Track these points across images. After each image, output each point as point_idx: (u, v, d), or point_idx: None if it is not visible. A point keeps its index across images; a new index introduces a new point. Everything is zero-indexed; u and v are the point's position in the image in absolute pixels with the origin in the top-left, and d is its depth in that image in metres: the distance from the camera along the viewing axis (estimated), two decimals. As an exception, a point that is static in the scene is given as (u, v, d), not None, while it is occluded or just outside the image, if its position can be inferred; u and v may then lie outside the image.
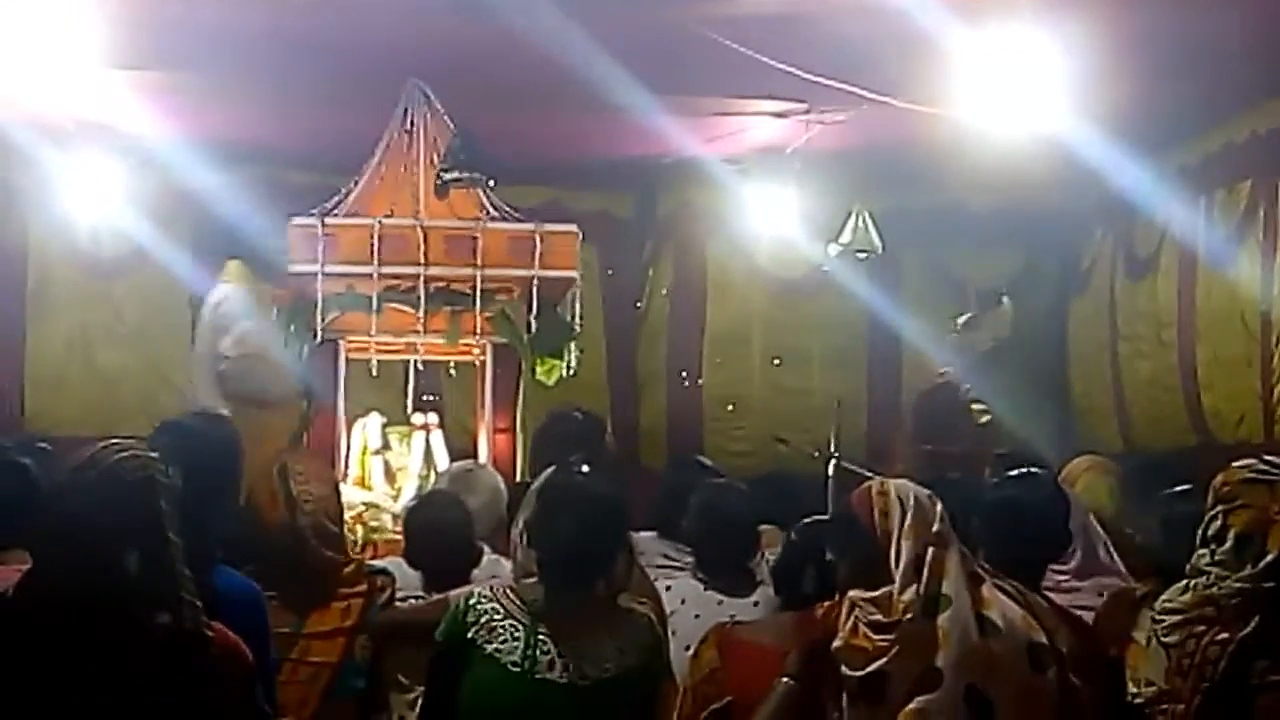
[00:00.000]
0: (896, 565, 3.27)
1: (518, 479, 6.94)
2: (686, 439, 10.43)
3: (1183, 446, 9.19)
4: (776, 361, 10.83)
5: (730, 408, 10.85)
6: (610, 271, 10.54)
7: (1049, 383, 10.99)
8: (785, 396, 10.79)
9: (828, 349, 10.96)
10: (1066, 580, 4.64)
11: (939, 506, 3.36)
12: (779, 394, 10.84)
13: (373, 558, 5.73)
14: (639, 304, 10.85)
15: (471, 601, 3.73)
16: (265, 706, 3.20)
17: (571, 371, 7.56)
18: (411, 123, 7.53)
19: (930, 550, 3.29)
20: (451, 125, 7.40)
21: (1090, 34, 6.60)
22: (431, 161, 7.44)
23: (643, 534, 5.24)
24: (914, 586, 3.23)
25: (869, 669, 3.21)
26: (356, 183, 7.46)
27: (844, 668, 3.24)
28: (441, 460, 7.62)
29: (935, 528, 3.32)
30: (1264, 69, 7.68)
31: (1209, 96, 8.20)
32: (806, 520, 4.54)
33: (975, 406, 9.64)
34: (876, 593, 3.27)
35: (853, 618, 3.28)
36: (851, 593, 3.32)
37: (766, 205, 9.42)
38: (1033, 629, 3.30)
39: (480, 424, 7.71)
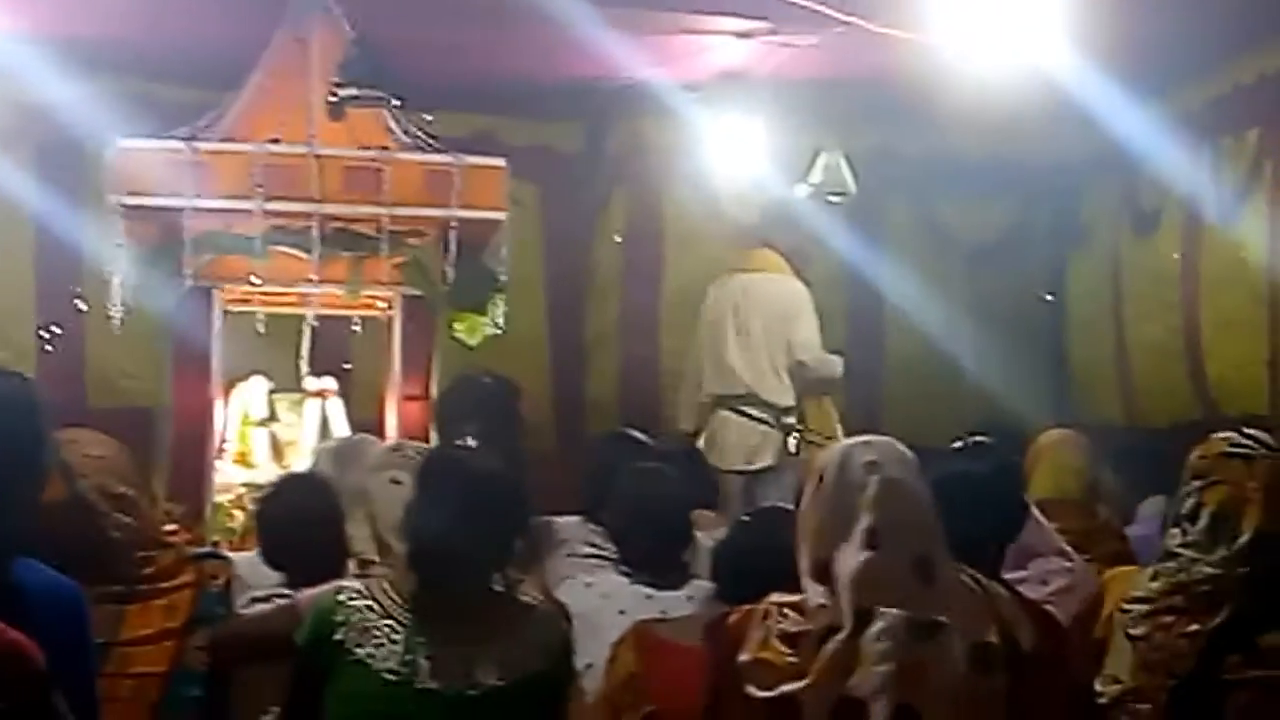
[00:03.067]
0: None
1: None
2: (641, 409, 9.64)
3: (1188, 420, 8.80)
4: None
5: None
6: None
7: (1045, 347, 10.60)
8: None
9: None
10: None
11: (875, 478, 3.04)
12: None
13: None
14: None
15: (341, 599, 3.42)
16: None
17: (499, 329, 6.93)
18: (305, 30, 6.81)
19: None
20: (350, 33, 6.71)
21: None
22: (328, 77, 6.71)
23: (567, 519, 5.04)
24: (823, 588, 2.99)
25: (776, 692, 2.96)
26: (236, 99, 6.75)
27: (750, 688, 3.00)
28: (340, 432, 7.05)
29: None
30: (1273, 3, 7.48)
31: (1215, 33, 7.93)
32: (768, 505, 4.43)
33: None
34: (798, 596, 3.04)
35: (765, 626, 3.03)
36: (773, 595, 3.08)
37: (731, 139, 8.90)
38: (982, 628, 3.07)
39: (388, 389, 6.99)
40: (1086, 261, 10.41)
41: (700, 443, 7.88)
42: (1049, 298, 9.79)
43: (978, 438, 4.23)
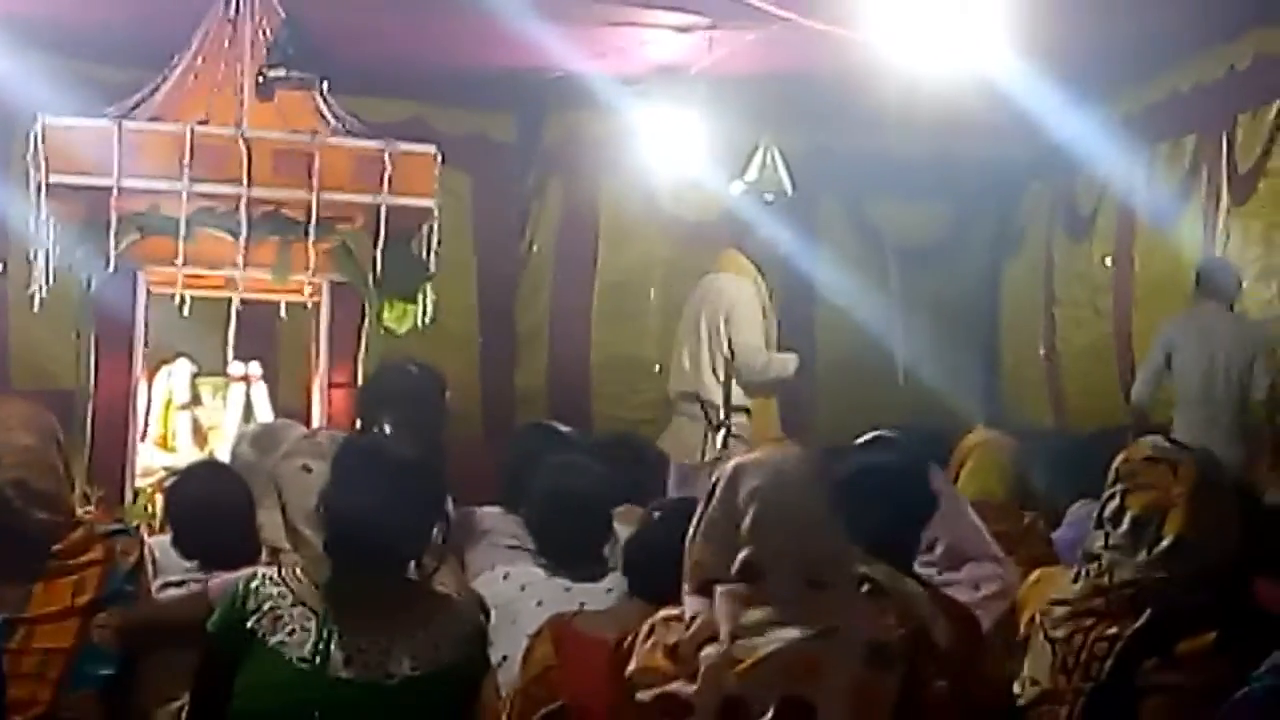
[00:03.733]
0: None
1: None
2: (571, 403, 9.66)
3: (1116, 425, 8.56)
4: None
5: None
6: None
7: (978, 349, 10.63)
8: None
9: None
10: (936, 572, 4.44)
11: (754, 508, 2.96)
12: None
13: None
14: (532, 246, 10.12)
15: (254, 585, 3.34)
16: None
17: (427, 318, 6.81)
18: (236, 10, 6.66)
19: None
20: (281, 13, 6.59)
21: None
22: (259, 60, 6.59)
23: (488, 509, 4.99)
24: (704, 600, 2.95)
25: (658, 691, 2.95)
26: (165, 79, 6.60)
27: (639, 694, 2.98)
28: (264, 418, 6.85)
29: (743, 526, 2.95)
30: (1211, 11, 7.55)
31: (1155, 40, 8.01)
32: (681, 497, 4.28)
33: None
34: (676, 611, 3.01)
35: (651, 640, 3.03)
36: (662, 612, 3.07)
37: (668, 134, 8.94)
38: (881, 628, 3.04)
39: (314, 376, 6.88)
40: (1020, 263, 10.41)
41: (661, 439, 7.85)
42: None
43: (883, 432, 4.22)
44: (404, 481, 3.37)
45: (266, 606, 3.30)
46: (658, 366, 9.24)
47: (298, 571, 3.39)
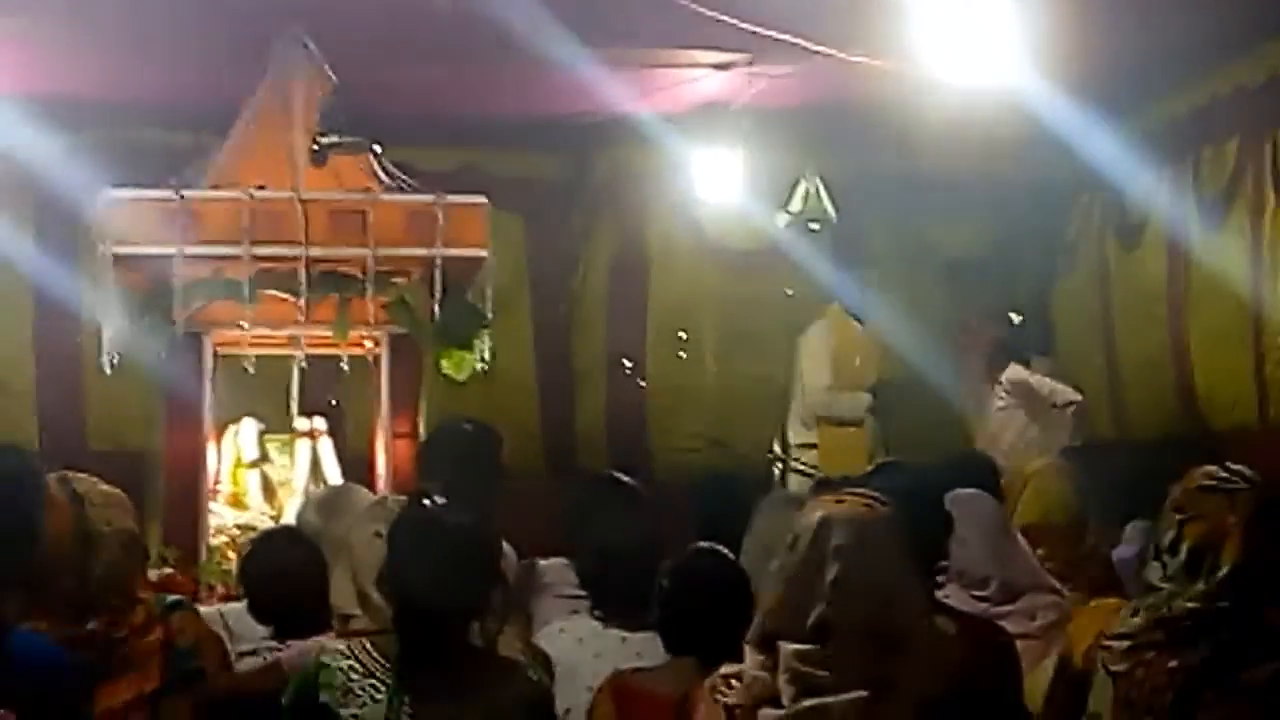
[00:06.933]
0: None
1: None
2: (629, 438, 9.71)
3: (1178, 433, 8.86)
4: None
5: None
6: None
7: (1035, 363, 10.18)
8: (743, 385, 9.93)
9: (790, 329, 9.91)
10: (989, 606, 4.50)
11: (837, 565, 2.92)
12: (736, 382, 9.99)
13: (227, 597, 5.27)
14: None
15: (324, 660, 3.43)
16: None
17: (484, 365, 6.85)
18: (288, 76, 6.78)
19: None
20: (332, 78, 6.69)
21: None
22: (312, 124, 6.69)
23: (552, 561, 5.00)
24: (762, 657, 2.94)
25: None
26: (222, 149, 6.74)
27: None
28: (331, 472, 7.04)
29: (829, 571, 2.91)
30: (1249, 15, 7.49)
31: (1192, 46, 7.94)
32: (698, 547, 4.05)
33: None
34: (736, 668, 3.00)
35: (709, 699, 3.02)
36: (723, 668, 3.04)
37: (713, 168, 8.89)
38: (935, 680, 3.00)
39: (377, 427, 6.94)
40: (1074, 277, 10.30)
41: None
42: (1016, 319, 9.62)
43: (890, 460, 4.22)
44: (458, 550, 3.40)
45: (338, 681, 3.38)
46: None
47: (367, 645, 3.45)
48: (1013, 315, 9.18)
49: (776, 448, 8.00)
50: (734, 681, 3.02)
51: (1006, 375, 8.45)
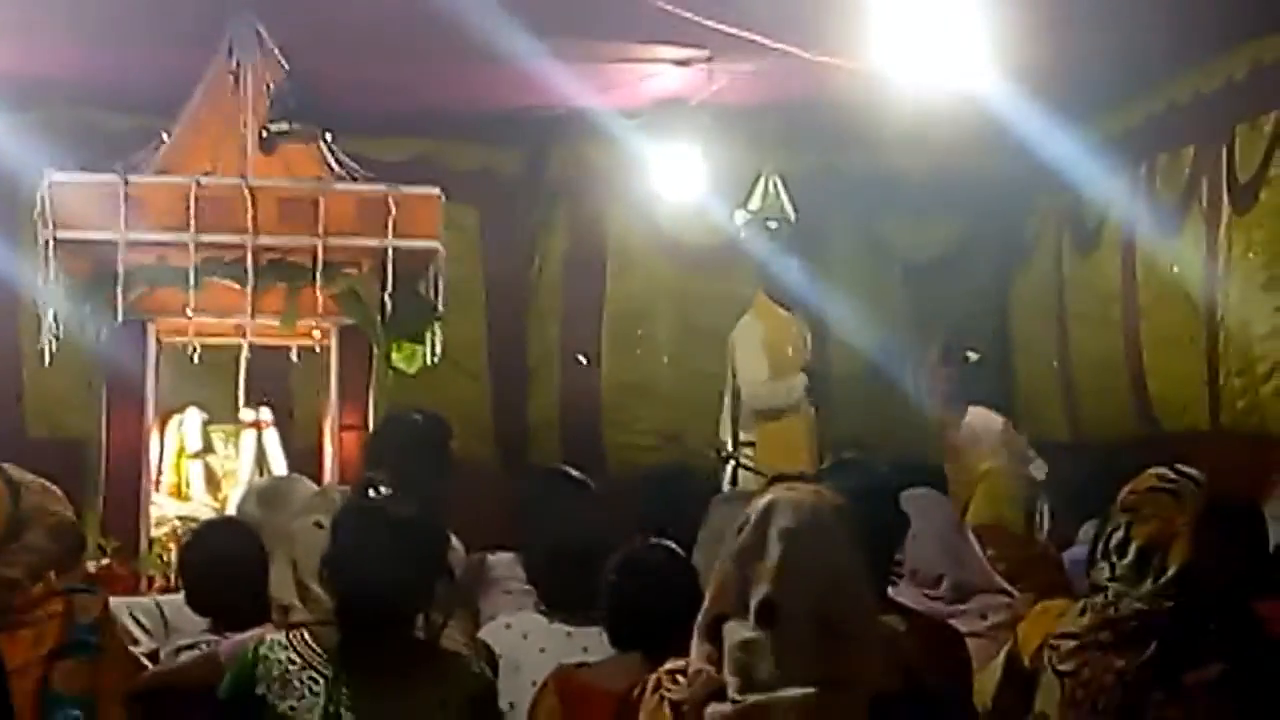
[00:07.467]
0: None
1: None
2: (582, 433, 9.68)
3: (1132, 436, 8.89)
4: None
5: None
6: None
7: (990, 362, 10.13)
8: (699, 381, 9.79)
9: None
10: (942, 605, 4.54)
11: (780, 547, 2.88)
12: (692, 378, 9.91)
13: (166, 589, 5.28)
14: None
15: (263, 650, 3.40)
16: None
17: (436, 357, 6.82)
18: (239, 61, 6.68)
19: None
20: (284, 64, 6.60)
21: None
22: (262, 111, 6.59)
23: (501, 555, 5.03)
24: (709, 648, 2.90)
25: None
26: (170, 132, 6.65)
27: None
28: (277, 464, 6.97)
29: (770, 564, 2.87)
30: (1208, 23, 7.48)
31: (1151, 52, 7.94)
32: (645, 542, 4.08)
33: None
34: (683, 662, 2.97)
35: (656, 695, 2.98)
36: (668, 663, 3.02)
37: (672, 164, 8.86)
38: (887, 676, 2.94)
39: (326, 419, 6.87)
40: (1031, 278, 10.34)
41: None
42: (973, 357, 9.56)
43: (847, 457, 4.25)
44: (404, 542, 3.37)
45: (276, 672, 3.35)
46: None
47: (306, 636, 3.42)
48: (970, 354, 9.13)
49: (728, 444, 7.94)
50: (680, 677, 3.00)
51: (966, 420, 8.40)
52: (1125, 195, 8.83)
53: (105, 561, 5.83)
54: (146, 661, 4.38)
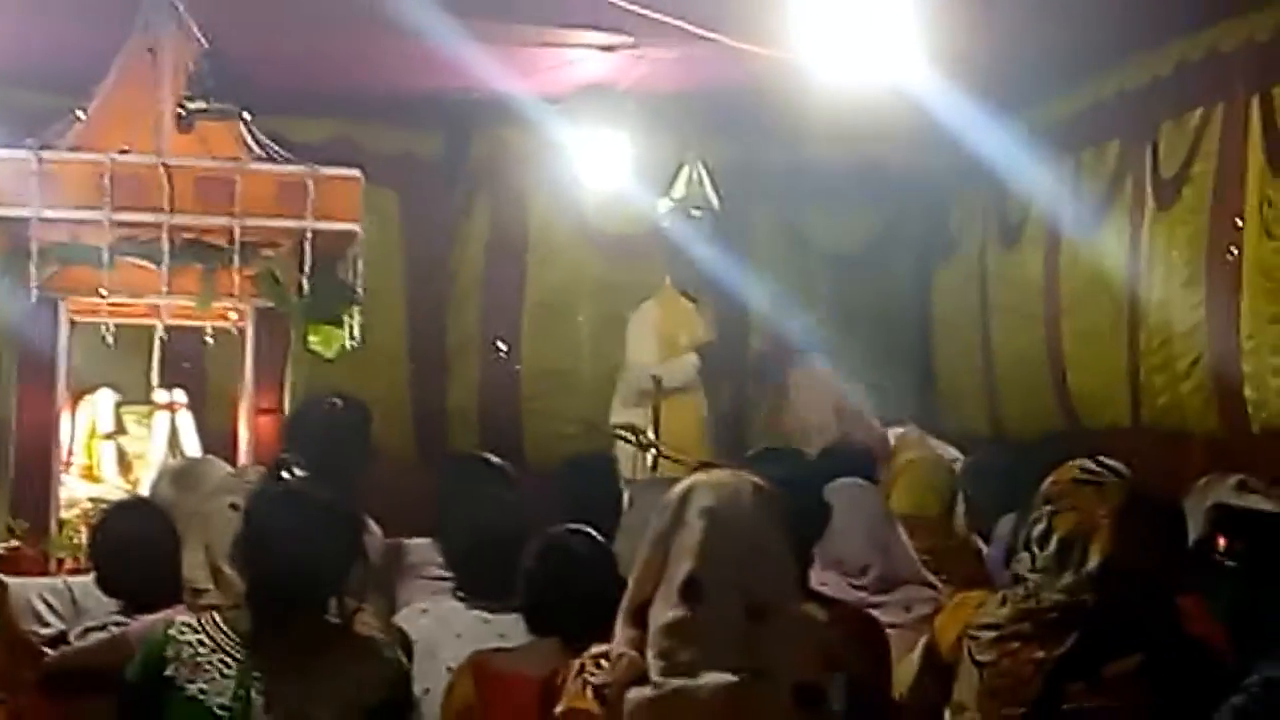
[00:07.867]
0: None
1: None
2: (502, 420, 9.67)
3: (1054, 431, 8.95)
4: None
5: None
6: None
7: (911, 359, 10.58)
8: (618, 370, 9.76)
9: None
10: (866, 595, 4.53)
11: (702, 524, 2.90)
12: (611, 367, 9.86)
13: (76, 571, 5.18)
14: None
15: (172, 632, 3.36)
16: None
17: (354, 342, 6.71)
18: (156, 38, 6.57)
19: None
20: (202, 42, 6.47)
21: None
22: (179, 88, 6.47)
23: (418, 541, 4.97)
24: (634, 633, 2.89)
25: None
26: (85, 108, 6.53)
27: None
28: (190, 447, 6.82)
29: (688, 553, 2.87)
30: (1134, 20, 7.55)
31: (1078, 48, 7.98)
32: (563, 528, 4.05)
33: None
34: (606, 647, 2.96)
35: (579, 679, 2.97)
36: (594, 648, 3.00)
37: (596, 151, 8.89)
38: (810, 666, 2.95)
39: (241, 403, 6.76)
40: (953, 272, 10.40)
41: None
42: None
43: (771, 447, 4.21)
44: (318, 526, 3.36)
45: (185, 654, 3.31)
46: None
47: (217, 618, 3.38)
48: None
49: (649, 431, 7.97)
50: (603, 661, 2.99)
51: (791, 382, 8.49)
52: (1050, 189, 8.88)
53: (14, 543, 5.76)
54: (47, 647, 4.30)
